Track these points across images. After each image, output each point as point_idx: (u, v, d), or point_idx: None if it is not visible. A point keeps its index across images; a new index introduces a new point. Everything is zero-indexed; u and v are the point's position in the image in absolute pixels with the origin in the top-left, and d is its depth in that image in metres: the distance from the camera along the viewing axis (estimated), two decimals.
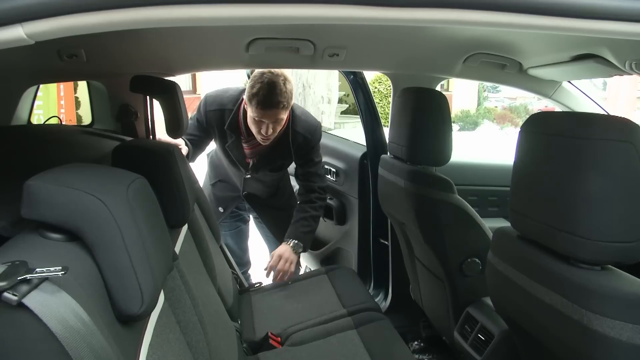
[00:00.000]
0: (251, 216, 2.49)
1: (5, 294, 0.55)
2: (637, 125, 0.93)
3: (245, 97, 1.90)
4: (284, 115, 1.91)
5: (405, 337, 1.84)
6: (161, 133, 1.74)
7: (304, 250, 2.12)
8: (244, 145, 2.07)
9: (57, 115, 4.51)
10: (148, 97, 1.70)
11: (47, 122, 2.03)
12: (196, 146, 2.09)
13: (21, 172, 0.77)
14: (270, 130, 1.91)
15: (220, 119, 2.04)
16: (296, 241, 2.07)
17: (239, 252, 2.48)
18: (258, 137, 1.96)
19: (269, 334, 1.65)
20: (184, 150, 1.96)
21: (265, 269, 2.08)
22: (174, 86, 1.58)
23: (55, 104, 5.17)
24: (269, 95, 1.82)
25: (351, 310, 1.74)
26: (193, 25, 0.66)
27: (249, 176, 2.19)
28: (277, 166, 2.18)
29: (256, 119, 1.87)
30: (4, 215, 0.78)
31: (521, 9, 0.67)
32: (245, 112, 1.99)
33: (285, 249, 2.06)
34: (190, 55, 1.80)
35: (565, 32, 0.71)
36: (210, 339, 1.17)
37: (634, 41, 0.95)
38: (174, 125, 1.59)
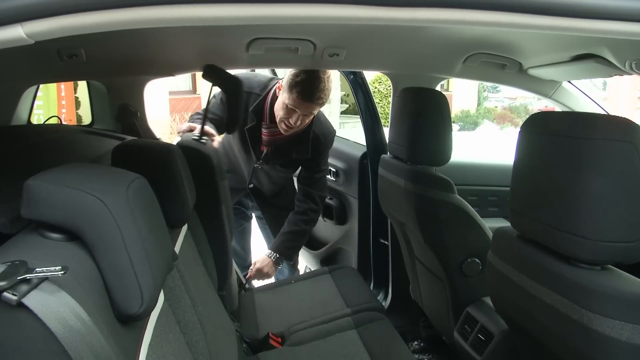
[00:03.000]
0: (254, 215, 2.49)
1: (5, 294, 0.55)
2: (637, 125, 0.93)
3: (284, 82, 1.90)
4: (317, 112, 1.94)
5: (405, 337, 1.84)
6: (162, 133, 1.75)
7: (287, 260, 2.21)
8: (264, 131, 2.06)
9: (57, 115, 4.51)
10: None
11: (47, 122, 2.03)
12: (217, 127, 2.08)
13: (21, 171, 0.77)
14: (299, 122, 1.91)
15: (246, 102, 2.02)
16: (278, 255, 2.11)
17: (242, 253, 2.47)
18: (281, 126, 1.95)
19: (270, 334, 1.65)
20: (216, 143, 1.91)
21: (245, 276, 2.13)
22: (239, 82, 1.65)
23: (55, 104, 5.17)
24: (312, 88, 1.83)
25: (354, 310, 1.74)
26: (193, 25, 0.66)
27: (258, 166, 2.16)
28: (289, 161, 2.16)
29: (290, 107, 1.87)
30: (3, 212, 0.78)
31: (521, 9, 0.67)
32: (273, 98, 2.00)
33: (266, 262, 2.10)
34: (190, 55, 1.80)
35: (565, 32, 0.71)
36: (210, 338, 1.17)
37: (634, 41, 0.95)
38: (234, 120, 1.64)
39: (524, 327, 1.19)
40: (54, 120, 1.98)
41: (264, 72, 2.95)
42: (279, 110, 1.92)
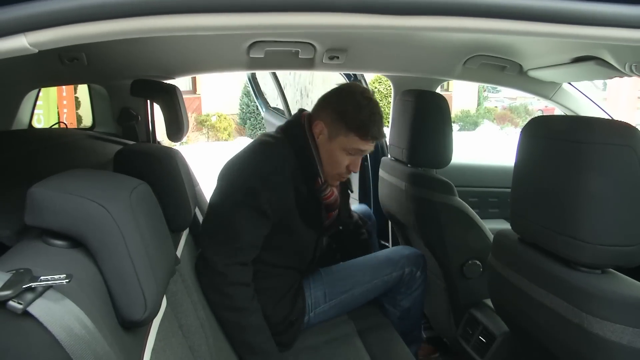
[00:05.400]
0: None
1: (11, 303, 0.56)
2: (636, 129, 0.93)
3: (344, 121, 1.42)
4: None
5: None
6: (162, 134, 1.74)
7: None
8: (324, 194, 1.52)
9: (58, 114, 4.51)
10: (149, 101, 1.71)
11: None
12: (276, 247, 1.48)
13: (26, 178, 0.78)
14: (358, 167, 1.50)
15: (287, 182, 1.42)
16: None
17: None
18: (334, 177, 1.50)
19: None
20: None
21: None
22: (174, 89, 1.58)
23: (55, 103, 5.16)
24: (380, 125, 1.44)
25: (353, 314, 1.74)
26: (195, 33, 0.67)
27: (322, 237, 1.65)
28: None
29: (352, 151, 1.45)
30: (8, 224, 0.78)
31: (521, 16, 0.68)
32: (316, 146, 1.47)
33: None
34: (192, 59, 1.81)
35: (565, 39, 0.72)
36: (212, 342, 1.17)
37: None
38: (174, 128, 1.60)
39: (525, 330, 1.20)
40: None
41: (267, 78, 2.95)
42: (335, 160, 1.46)
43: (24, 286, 0.57)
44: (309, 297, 1.59)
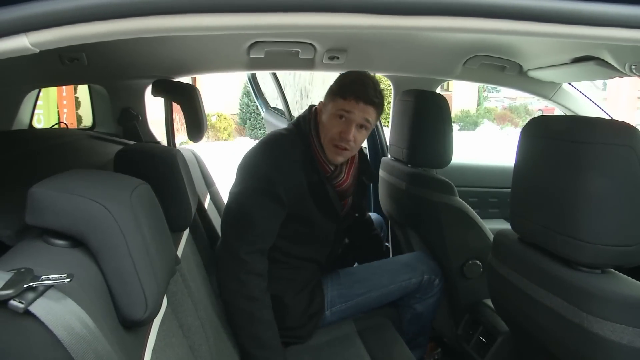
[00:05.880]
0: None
1: (12, 302, 0.56)
2: (636, 129, 0.93)
3: (332, 90, 1.52)
4: (372, 120, 1.51)
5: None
6: (162, 134, 1.76)
7: None
8: (336, 181, 1.56)
9: (58, 114, 4.52)
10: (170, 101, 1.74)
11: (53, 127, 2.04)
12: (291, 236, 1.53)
13: (26, 178, 0.78)
14: (357, 136, 1.49)
15: (299, 170, 1.49)
16: None
17: None
18: (331, 147, 1.49)
19: None
20: None
21: None
22: (194, 90, 1.60)
23: (55, 103, 5.17)
24: (366, 87, 1.47)
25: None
26: (195, 33, 0.67)
27: (341, 227, 1.66)
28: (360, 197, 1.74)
29: (342, 113, 1.47)
30: (9, 224, 0.78)
31: (522, 17, 0.68)
32: (318, 136, 1.52)
33: None
34: (192, 59, 1.81)
35: (566, 39, 0.72)
36: (212, 342, 1.17)
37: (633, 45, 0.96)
38: (195, 128, 1.62)
39: (525, 330, 1.20)
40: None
41: (267, 78, 2.96)
42: (327, 125, 1.49)
43: (25, 285, 0.58)
44: (326, 295, 1.64)
